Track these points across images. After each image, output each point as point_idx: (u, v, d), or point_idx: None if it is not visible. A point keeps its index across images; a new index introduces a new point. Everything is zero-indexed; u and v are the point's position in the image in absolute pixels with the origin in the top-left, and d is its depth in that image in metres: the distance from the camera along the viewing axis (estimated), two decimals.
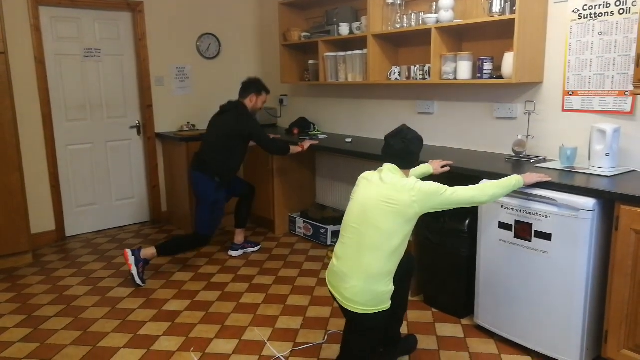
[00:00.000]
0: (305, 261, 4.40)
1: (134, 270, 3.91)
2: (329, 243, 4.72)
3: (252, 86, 4.35)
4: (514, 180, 2.62)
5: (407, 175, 2.54)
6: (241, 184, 4.59)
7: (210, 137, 4.30)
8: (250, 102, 4.32)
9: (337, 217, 4.85)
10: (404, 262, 2.53)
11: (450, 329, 3.20)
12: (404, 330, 3.13)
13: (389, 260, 2.39)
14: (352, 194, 2.61)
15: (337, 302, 2.51)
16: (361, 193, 2.52)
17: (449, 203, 2.43)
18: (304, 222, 4.97)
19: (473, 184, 2.93)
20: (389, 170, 2.51)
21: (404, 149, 2.52)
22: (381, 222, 2.37)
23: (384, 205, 2.37)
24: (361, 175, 2.64)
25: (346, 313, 2.49)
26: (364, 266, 2.38)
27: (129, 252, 3.94)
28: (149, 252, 3.99)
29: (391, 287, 2.43)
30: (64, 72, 4.96)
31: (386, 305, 2.42)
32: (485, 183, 2.61)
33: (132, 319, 3.41)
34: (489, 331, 3.08)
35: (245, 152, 4.37)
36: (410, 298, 3.55)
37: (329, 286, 2.56)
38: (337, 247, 2.55)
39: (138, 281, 3.91)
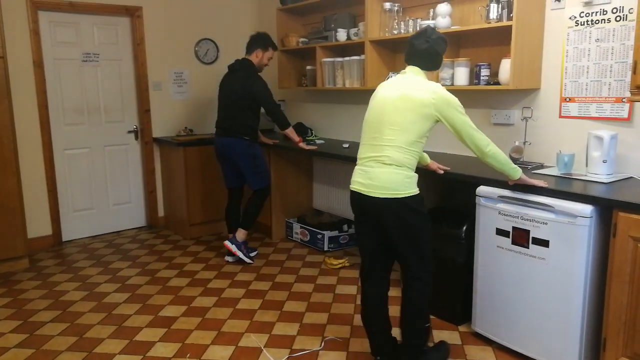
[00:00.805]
0: (302, 267, 4.39)
1: (241, 254, 4.35)
2: (325, 249, 4.71)
3: (259, 41, 4.36)
4: (513, 166, 2.66)
5: (430, 79, 2.61)
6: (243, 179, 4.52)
7: (225, 102, 4.37)
8: (256, 57, 4.34)
9: (334, 223, 4.85)
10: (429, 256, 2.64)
11: (448, 336, 3.18)
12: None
13: (406, 154, 2.49)
14: (371, 99, 2.68)
15: (360, 204, 2.61)
16: (380, 95, 2.61)
17: (460, 123, 2.51)
18: (301, 227, 4.96)
19: (470, 191, 2.94)
20: (412, 72, 2.59)
21: (427, 49, 2.58)
22: (397, 117, 2.48)
23: (401, 103, 2.48)
24: (380, 84, 2.71)
25: (378, 212, 2.54)
26: (385, 158, 2.49)
27: (228, 242, 4.38)
28: (242, 234, 4.40)
29: (414, 175, 2.54)
30: (62, 76, 4.96)
31: (413, 190, 2.52)
32: (496, 147, 2.62)
33: (128, 324, 3.39)
34: (487, 338, 3.07)
35: (259, 111, 4.41)
36: None
37: (353, 186, 2.65)
38: (359, 151, 2.67)
39: (248, 260, 4.38)
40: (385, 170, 2.49)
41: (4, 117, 4.14)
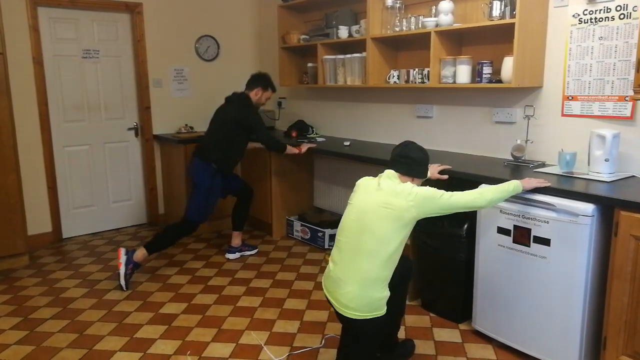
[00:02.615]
0: (303, 264, 4.38)
1: (122, 270, 3.89)
2: (326, 246, 4.71)
3: (260, 80, 4.37)
4: (513, 185, 2.61)
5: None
6: (239, 182, 4.57)
7: (212, 126, 4.36)
8: (255, 95, 4.33)
9: (334, 221, 4.83)
10: (401, 266, 2.52)
11: (448, 334, 3.18)
12: (401, 334, 3.11)
13: (384, 266, 2.38)
14: (350, 199, 2.60)
15: (333, 307, 2.50)
16: (359, 198, 2.53)
17: (447, 207, 2.43)
18: (302, 225, 4.96)
19: (472, 189, 2.93)
20: (387, 176, 2.52)
21: (400, 153, 2.56)
22: (378, 227, 2.37)
23: (382, 210, 2.38)
24: (359, 181, 2.64)
25: (342, 319, 2.48)
26: (360, 272, 2.37)
27: (122, 250, 3.93)
28: (140, 254, 3.97)
29: (387, 293, 2.42)
30: (62, 73, 4.95)
31: (381, 311, 2.41)
32: (484, 187, 2.60)
33: (129, 321, 3.39)
34: (487, 336, 3.07)
35: (245, 145, 4.39)
36: (408, 302, 3.55)
37: (325, 291, 2.55)
38: (334, 252, 2.54)
39: (122, 282, 3.88)
40: (356, 290, 2.36)
41: (4, 114, 4.13)
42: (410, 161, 2.55)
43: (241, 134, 4.27)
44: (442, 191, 2.43)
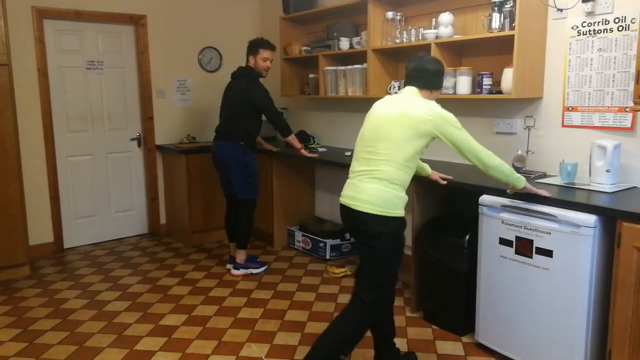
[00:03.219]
0: (304, 275, 4.37)
1: (251, 270, 4.38)
2: (327, 257, 4.70)
3: (248, 49, 4.36)
4: (517, 175, 2.63)
5: (429, 99, 2.59)
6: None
7: (225, 108, 4.37)
8: (252, 63, 4.32)
9: (336, 231, 4.83)
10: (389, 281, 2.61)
11: (451, 347, 3.16)
12: (403, 347, 3.10)
13: (400, 170, 2.47)
14: (366, 117, 2.67)
15: (348, 218, 2.57)
16: (376, 112, 2.60)
17: (460, 140, 2.50)
18: (303, 235, 4.95)
19: (473, 200, 2.93)
20: (409, 91, 2.59)
21: (416, 67, 2.60)
22: (393, 133, 2.46)
23: (398, 119, 2.47)
24: (376, 103, 2.69)
25: (359, 226, 2.51)
26: (377, 173, 2.46)
27: (234, 271, 4.39)
28: (242, 256, 4.39)
29: (404, 196, 2.51)
30: (67, 83, 4.98)
31: (400, 212, 2.49)
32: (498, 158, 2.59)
33: (129, 333, 3.38)
34: (490, 349, 3.04)
35: (260, 118, 4.38)
36: (410, 314, 3.54)
37: (342, 199, 2.61)
38: (353, 164, 2.63)
39: (261, 268, 4.44)
40: (376, 186, 2.46)
41: (8, 124, 4.15)
42: (428, 74, 2.60)
43: (253, 110, 4.27)
44: (464, 129, 2.52)
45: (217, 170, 4.45)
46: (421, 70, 2.59)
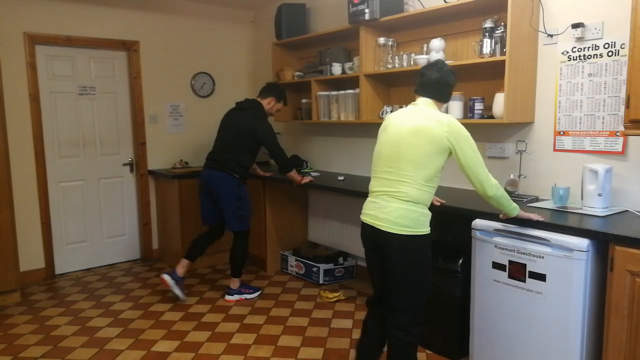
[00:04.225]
0: (298, 300, 4.34)
1: (244, 296, 4.39)
2: (321, 281, 4.67)
3: (276, 91, 4.39)
4: (514, 205, 2.65)
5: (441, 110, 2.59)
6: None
7: (225, 136, 4.31)
8: (268, 104, 4.33)
9: (329, 256, 4.81)
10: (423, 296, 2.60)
11: None
12: None
13: (422, 190, 2.46)
14: (381, 132, 2.66)
15: (372, 237, 2.54)
16: (393, 128, 2.56)
17: (470, 161, 2.46)
18: (296, 260, 4.93)
19: (466, 224, 2.93)
20: (424, 103, 2.57)
21: (439, 79, 2.58)
22: (413, 152, 2.44)
23: (417, 137, 2.44)
24: (389, 116, 2.68)
25: (384, 246, 2.50)
26: (400, 194, 2.45)
27: (226, 295, 4.38)
28: (234, 284, 4.37)
29: (429, 212, 2.53)
30: (59, 109, 4.98)
31: (427, 229, 2.50)
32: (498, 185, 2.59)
33: None
34: None
35: (257, 152, 4.36)
36: None
37: (365, 218, 2.59)
38: (372, 183, 2.63)
39: (255, 294, 4.42)
40: (401, 207, 2.45)
41: None
42: (447, 88, 2.61)
43: (253, 143, 4.26)
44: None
45: (203, 197, 4.35)
46: (443, 83, 2.58)
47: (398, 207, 2.45)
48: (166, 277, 4.21)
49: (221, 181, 4.18)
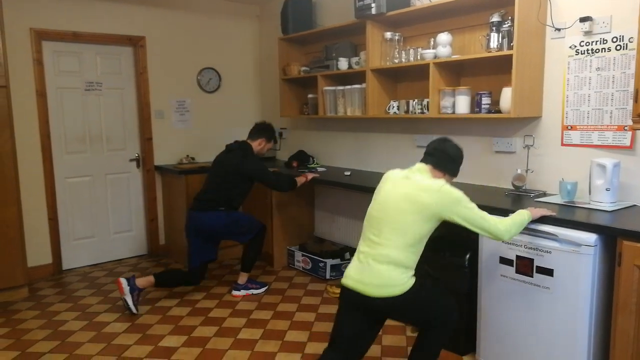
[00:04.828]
0: (304, 295, 4.34)
1: (251, 292, 4.37)
2: (327, 277, 4.67)
3: (265, 131, 4.40)
4: (526, 216, 2.60)
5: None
6: (215, 246, 4.36)
7: (213, 176, 4.30)
8: (259, 145, 4.35)
9: (335, 251, 4.82)
10: (452, 307, 2.60)
11: None
12: None
13: (406, 253, 2.44)
14: (377, 190, 2.64)
15: (355, 300, 2.50)
16: (384, 191, 2.56)
17: (472, 220, 2.44)
18: (303, 255, 4.93)
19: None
20: (418, 169, 2.56)
21: (437, 147, 2.60)
22: (398, 219, 2.43)
23: (405, 205, 2.43)
24: (387, 173, 2.67)
25: (379, 311, 2.52)
26: (382, 257, 2.43)
27: (233, 290, 4.33)
28: (242, 278, 4.37)
29: (412, 274, 2.48)
30: (65, 105, 4.99)
31: (411, 283, 2.45)
32: (507, 220, 2.53)
33: (128, 355, 3.35)
34: None
35: (248, 191, 4.36)
36: (410, 334, 3.51)
37: (346, 281, 2.54)
38: (360, 242, 2.60)
39: (262, 289, 4.42)
40: (383, 268, 2.43)
41: (6, 146, 4.15)
42: (445, 156, 2.59)
43: (243, 183, 4.25)
44: (474, 204, 2.46)
45: (191, 237, 4.25)
46: (441, 150, 2.59)
47: (380, 268, 2.43)
48: (123, 281, 3.97)
49: (208, 220, 4.18)
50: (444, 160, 2.59)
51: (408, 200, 2.43)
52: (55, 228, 4.97)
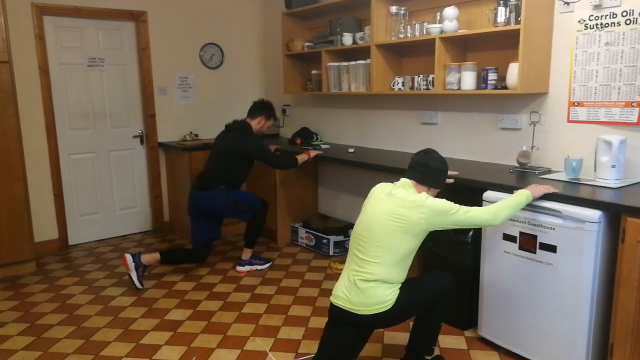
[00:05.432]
0: (308, 271, 4.38)
1: (255, 267, 4.40)
2: (331, 253, 4.70)
3: (264, 109, 4.37)
4: (524, 197, 2.59)
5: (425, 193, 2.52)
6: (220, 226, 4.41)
7: (213, 156, 4.31)
8: (258, 124, 4.34)
9: (339, 228, 4.84)
10: (443, 280, 2.60)
11: (454, 341, 3.17)
12: (405, 341, 3.09)
13: (393, 269, 2.44)
14: (363, 205, 2.63)
15: (342, 317, 2.52)
16: (370, 208, 2.56)
17: (460, 223, 2.44)
18: (306, 232, 4.95)
19: (477, 195, 2.92)
20: (402, 185, 2.54)
21: (418, 161, 2.58)
22: (384, 237, 2.42)
23: (389, 222, 2.42)
24: (374, 187, 2.66)
25: (371, 326, 2.56)
26: (368, 275, 2.44)
27: (237, 266, 4.38)
28: (246, 254, 4.39)
29: (394, 295, 2.46)
30: (68, 81, 4.98)
31: (396, 293, 2.46)
32: (498, 205, 2.53)
33: (134, 328, 3.39)
34: (493, 343, 3.05)
35: (249, 171, 4.37)
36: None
37: (335, 300, 2.56)
38: (347, 259, 2.61)
39: (266, 265, 4.45)
40: (369, 286, 2.43)
41: (11, 122, 4.15)
42: (427, 170, 2.55)
43: (243, 163, 4.26)
44: (458, 206, 2.43)
45: (193, 217, 4.30)
46: (422, 164, 2.56)
47: (367, 286, 2.43)
48: (128, 257, 4.02)
49: (209, 199, 4.18)
50: (427, 174, 2.55)
51: (394, 218, 2.41)
52: (60, 204, 4.99)
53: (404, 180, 2.56)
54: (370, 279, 2.43)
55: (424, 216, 2.38)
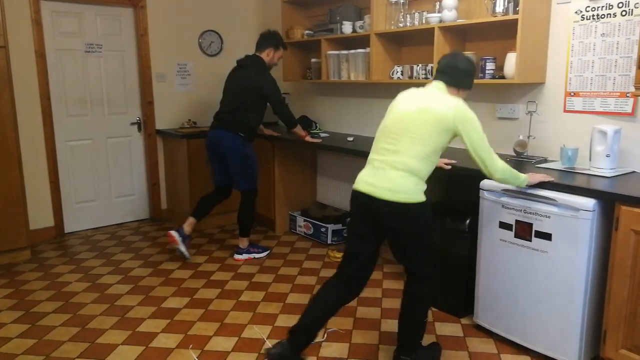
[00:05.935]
0: (306, 260, 4.39)
1: (253, 255, 4.43)
2: (329, 242, 4.72)
3: (272, 39, 4.31)
4: (522, 178, 2.63)
5: (456, 96, 2.57)
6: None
7: (229, 96, 4.29)
8: (267, 56, 4.28)
9: (337, 216, 4.85)
10: (437, 266, 2.67)
11: (450, 329, 3.20)
12: None
13: (421, 162, 2.47)
14: (390, 108, 2.68)
15: (363, 204, 2.57)
16: (400, 106, 2.60)
17: (477, 143, 2.48)
18: (305, 220, 4.97)
19: (474, 184, 2.94)
20: (435, 86, 2.59)
21: (447, 63, 2.61)
22: (416, 128, 2.46)
23: (421, 114, 2.47)
24: (399, 94, 2.70)
25: (377, 213, 2.53)
26: (398, 164, 2.47)
27: (235, 254, 4.42)
28: (243, 243, 4.42)
29: (424, 185, 2.52)
30: (65, 67, 4.95)
31: (421, 197, 2.49)
32: (505, 163, 2.58)
33: (131, 315, 3.41)
34: (489, 330, 3.08)
35: (262, 116, 4.36)
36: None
37: (357, 186, 2.62)
38: (370, 156, 2.65)
39: (263, 253, 4.47)
40: (398, 174, 2.46)
41: (6, 108, 4.13)
42: (457, 72, 2.59)
43: (259, 103, 4.23)
44: (485, 135, 2.50)
45: (211, 159, 4.37)
46: (451, 67, 2.59)
47: (394, 174, 2.47)
48: (174, 233, 4.24)
49: (227, 140, 4.18)
50: (458, 77, 2.59)
51: (424, 112, 2.46)
52: (56, 191, 4.99)
53: (436, 83, 2.60)
54: (400, 167, 2.46)
55: (454, 118, 2.43)
